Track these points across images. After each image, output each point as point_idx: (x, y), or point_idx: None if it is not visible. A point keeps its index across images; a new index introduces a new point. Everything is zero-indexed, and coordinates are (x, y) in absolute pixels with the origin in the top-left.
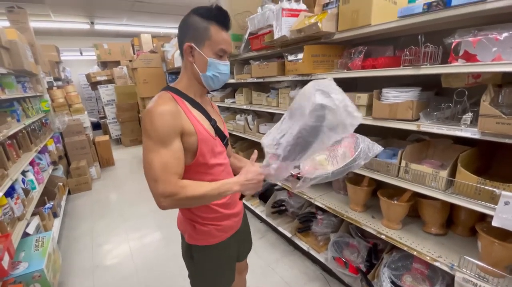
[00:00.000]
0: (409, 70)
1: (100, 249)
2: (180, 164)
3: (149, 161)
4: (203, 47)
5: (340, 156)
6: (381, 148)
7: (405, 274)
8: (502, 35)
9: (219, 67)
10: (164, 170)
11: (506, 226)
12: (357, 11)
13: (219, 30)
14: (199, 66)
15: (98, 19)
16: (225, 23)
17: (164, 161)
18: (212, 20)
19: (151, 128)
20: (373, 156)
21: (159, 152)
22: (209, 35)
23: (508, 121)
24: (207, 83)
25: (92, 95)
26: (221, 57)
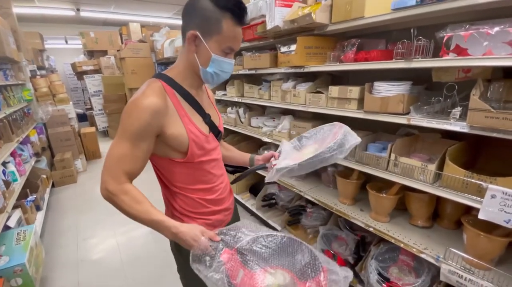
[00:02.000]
0: (401, 63)
1: (85, 243)
2: (137, 165)
3: (111, 147)
4: (210, 40)
5: (324, 146)
6: (359, 139)
7: (392, 266)
8: (494, 30)
9: (223, 65)
10: (118, 162)
11: (492, 219)
12: (350, 3)
13: (233, 25)
14: (201, 59)
15: (84, 6)
16: (242, 18)
17: (122, 154)
18: (228, 12)
19: (127, 119)
20: (350, 148)
21: (123, 144)
22: (220, 29)
23: (496, 115)
24: (206, 78)
25: (78, 85)
26: (227, 54)
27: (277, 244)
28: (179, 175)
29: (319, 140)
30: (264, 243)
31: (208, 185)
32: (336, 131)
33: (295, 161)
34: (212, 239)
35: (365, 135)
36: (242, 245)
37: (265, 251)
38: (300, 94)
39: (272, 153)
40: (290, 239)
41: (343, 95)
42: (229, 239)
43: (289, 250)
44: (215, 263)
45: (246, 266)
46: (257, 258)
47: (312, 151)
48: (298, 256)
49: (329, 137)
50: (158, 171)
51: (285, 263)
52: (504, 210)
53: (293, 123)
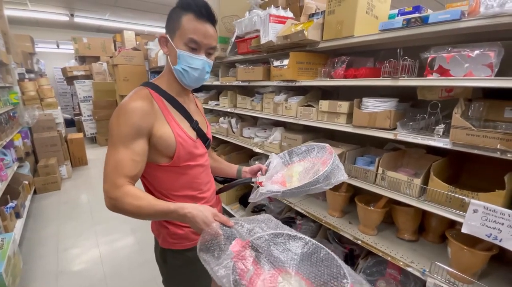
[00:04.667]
0: (388, 81)
1: (66, 254)
2: (135, 167)
3: (106, 157)
4: (175, 38)
5: (312, 174)
6: (345, 176)
7: (379, 280)
8: (474, 53)
9: (189, 61)
10: (114, 169)
11: (475, 233)
12: (341, 22)
13: (192, 19)
14: (171, 58)
15: (79, 12)
16: (201, 12)
17: (118, 160)
18: (187, 9)
19: (117, 123)
20: (335, 183)
21: (117, 150)
22: (180, 25)
23: (477, 133)
24: (179, 78)
25: (68, 90)
26: (193, 49)
27: (300, 247)
28: (164, 180)
29: (308, 160)
30: (284, 243)
31: (194, 192)
32: (325, 160)
33: (280, 183)
34: (225, 224)
35: (353, 148)
36: (258, 240)
37: (283, 253)
38: (291, 107)
39: (259, 166)
40: (316, 246)
41: (333, 109)
42: (243, 231)
43: (313, 258)
44: (223, 255)
45: (257, 264)
46: (272, 258)
47: (299, 171)
48: (322, 268)
49: (318, 162)
50: (143, 178)
51: (305, 271)
52: (485, 225)
53: (284, 135)
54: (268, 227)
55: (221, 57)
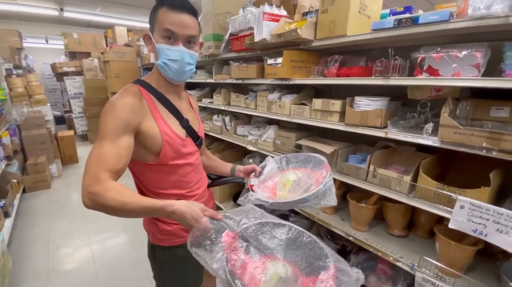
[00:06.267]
0: (379, 80)
1: (57, 253)
2: (119, 162)
3: (90, 152)
4: (154, 33)
5: (305, 187)
6: (335, 202)
7: (370, 275)
8: (462, 53)
9: (167, 53)
10: (97, 162)
11: (461, 228)
12: (334, 22)
13: (166, 10)
14: (155, 54)
15: (68, 6)
16: (174, 3)
17: (102, 153)
18: (162, 3)
19: (104, 119)
20: (324, 206)
21: (102, 144)
22: (156, 19)
23: (464, 132)
24: (163, 73)
25: (57, 86)
26: (171, 41)
27: (284, 234)
28: (152, 179)
29: (303, 170)
30: (270, 231)
31: (183, 190)
32: (319, 177)
33: (271, 189)
34: (213, 217)
35: (346, 146)
36: (246, 230)
37: (270, 240)
38: (285, 105)
39: (254, 167)
40: (299, 231)
41: (326, 108)
42: (232, 223)
43: (297, 242)
44: (215, 248)
45: (247, 253)
46: (261, 247)
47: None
48: (306, 250)
49: (313, 176)
50: (134, 176)
51: (292, 256)
52: (471, 220)
53: (278, 133)
54: (254, 217)
55: (214, 54)
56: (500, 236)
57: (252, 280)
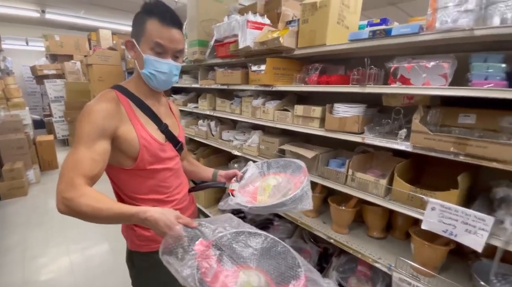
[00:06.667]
0: (356, 88)
1: (34, 262)
2: (95, 168)
3: (66, 157)
4: (141, 42)
5: (283, 192)
6: (311, 206)
7: (351, 276)
8: (430, 64)
9: (156, 65)
10: (72, 168)
11: (433, 229)
12: (314, 31)
13: (157, 24)
14: (138, 62)
15: (51, 8)
16: (165, 17)
17: (77, 159)
18: (151, 14)
19: (80, 124)
20: (301, 210)
21: (78, 149)
22: (144, 29)
23: (433, 137)
24: (147, 81)
25: (37, 89)
26: (160, 54)
27: (259, 243)
28: (130, 184)
29: (283, 175)
30: (245, 240)
31: (162, 195)
32: (297, 182)
33: (252, 194)
34: (188, 225)
35: (327, 151)
36: (221, 239)
37: (244, 249)
38: (269, 111)
39: (235, 172)
40: (274, 241)
41: (307, 114)
42: (207, 232)
43: (271, 252)
44: (187, 256)
45: (220, 263)
46: (235, 256)
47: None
48: (279, 260)
49: (291, 181)
50: (111, 181)
51: (265, 265)
52: (442, 221)
53: (262, 138)
54: (230, 226)
55: (200, 60)
56: (469, 236)
57: None
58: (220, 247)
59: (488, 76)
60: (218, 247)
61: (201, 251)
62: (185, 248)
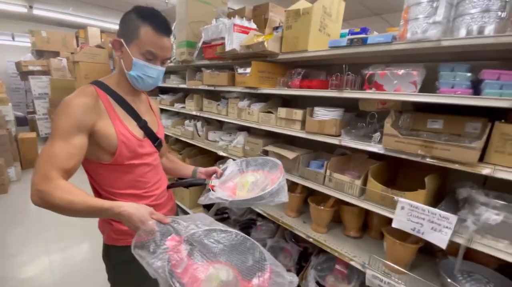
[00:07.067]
0: (334, 92)
1: (12, 261)
2: (70, 161)
3: (42, 150)
4: (131, 45)
5: (261, 187)
6: (287, 199)
7: (329, 275)
8: (401, 71)
9: (146, 70)
10: (48, 161)
11: (403, 227)
12: (297, 37)
13: (151, 32)
14: (126, 63)
15: (38, 4)
16: (161, 28)
17: (53, 152)
18: (146, 21)
19: (57, 117)
20: (278, 202)
21: (54, 142)
22: (138, 35)
23: (402, 140)
24: (132, 82)
25: (21, 86)
26: (150, 60)
27: (230, 240)
28: (107, 178)
29: (261, 173)
30: (216, 237)
31: (140, 190)
32: (274, 178)
33: (231, 189)
34: (161, 221)
35: (307, 152)
36: (193, 235)
37: (215, 246)
38: (253, 113)
39: (215, 169)
40: (243, 238)
41: (289, 116)
42: (180, 228)
43: (240, 248)
44: (159, 250)
45: (191, 257)
46: (205, 251)
47: (250, 182)
48: (248, 255)
49: (269, 177)
50: (88, 176)
51: (234, 260)
52: (411, 220)
53: (247, 139)
54: (203, 224)
55: (188, 61)
56: (434, 234)
57: (192, 281)
58: (192, 243)
59: (455, 84)
60: (190, 242)
61: (173, 245)
62: (157, 243)
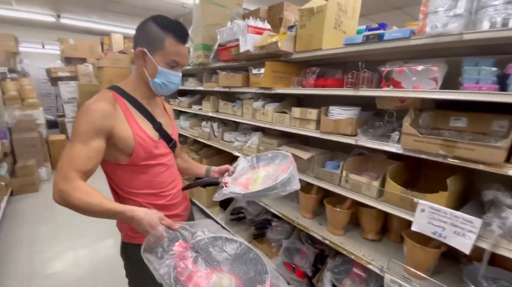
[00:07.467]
0: (350, 91)
1: (41, 256)
2: (89, 163)
3: (63, 152)
4: (156, 55)
5: (272, 178)
6: (298, 186)
7: (346, 278)
8: (420, 67)
9: (170, 77)
10: (68, 162)
11: (423, 230)
12: (311, 36)
13: (175, 43)
14: (149, 71)
15: (65, 13)
16: (182, 37)
17: (73, 154)
18: (170, 32)
19: (78, 121)
20: (290, 191)
21: (74, 145)
22: (163, 46)
23: (422, 139)
24: (155, 89)
25: (52, 91)
26: (173, 67)
27: (234, 249)
28: (124, 178)
29: (272, 166)
30: (221, 245)
31: (156, 190)
32: (284, 168)
33: (244, 185)
34: (170, 227)
35: (323, 153)
36: (199, 242)
37: (219, 254)
38: (268, 113)
39: (227, 167)
40: (247, 248)
41: (303, 116)
42: (187, 234)
43: (244, 258)
44: (166, 255)
45: (196, 264)
46: (210, 259)
47: (262, 176)
48: (250, 266)
49: (279, 169)
50: (107, 176)
51: (237, 269)
52: (432, 223)
53: (262, 139)
54: (209, 231)
55: (204, 63)
56: (457, 238)
57: None
58: (197, 250)
59: (480, 80)
60: (196, 249)
61: (179, 252)
62: (165, 248)
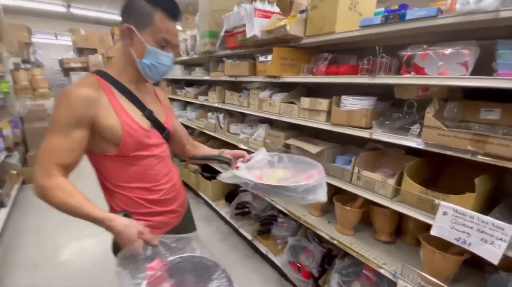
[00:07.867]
0: (365, 78)
1: (49, 244)
2: (71, 156)
3: (43, 142)
4: (144, 32)
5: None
6: (325, 198)
7: (355, 281)
8: (448, 50)
9: (159, 57)
10: (48, 156)
11: (444, 236)
12: (323, 18)
13: (165, 18)
14: (137, 51)
15: (75, 3)
16: (173, 13)
17: (53, 147)
18: (160, 6)
19: (57, 110)
20: (310, 200)
21: (53, 136)
22: (152, 21)
23: (448, 133)
24: (144, 71)
25: (65, 81)
26: (163, 47)
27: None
28: (113, 171)
29: (292, 170)
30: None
31: (148, 183)
32: (308, 176)
33: (258, 177)
34: (149, 243)
35: (333, 147)
36: (177, 263)
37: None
38: (275, 103)
39: (243, 153)
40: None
41: (313, 107)
42: (165, 252)
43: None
44: (138, 274)
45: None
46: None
47: (279, 177)
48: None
49: (301, 176)
50: (94, 168)
51: None
52: (455, 228)
53: (268, 132)
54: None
55: (210, 52)
56: (484, 246)
57: None
58: (172, 274)
59: None
60: (171, 272)
61: (155, 270)
62: (139, 265)
